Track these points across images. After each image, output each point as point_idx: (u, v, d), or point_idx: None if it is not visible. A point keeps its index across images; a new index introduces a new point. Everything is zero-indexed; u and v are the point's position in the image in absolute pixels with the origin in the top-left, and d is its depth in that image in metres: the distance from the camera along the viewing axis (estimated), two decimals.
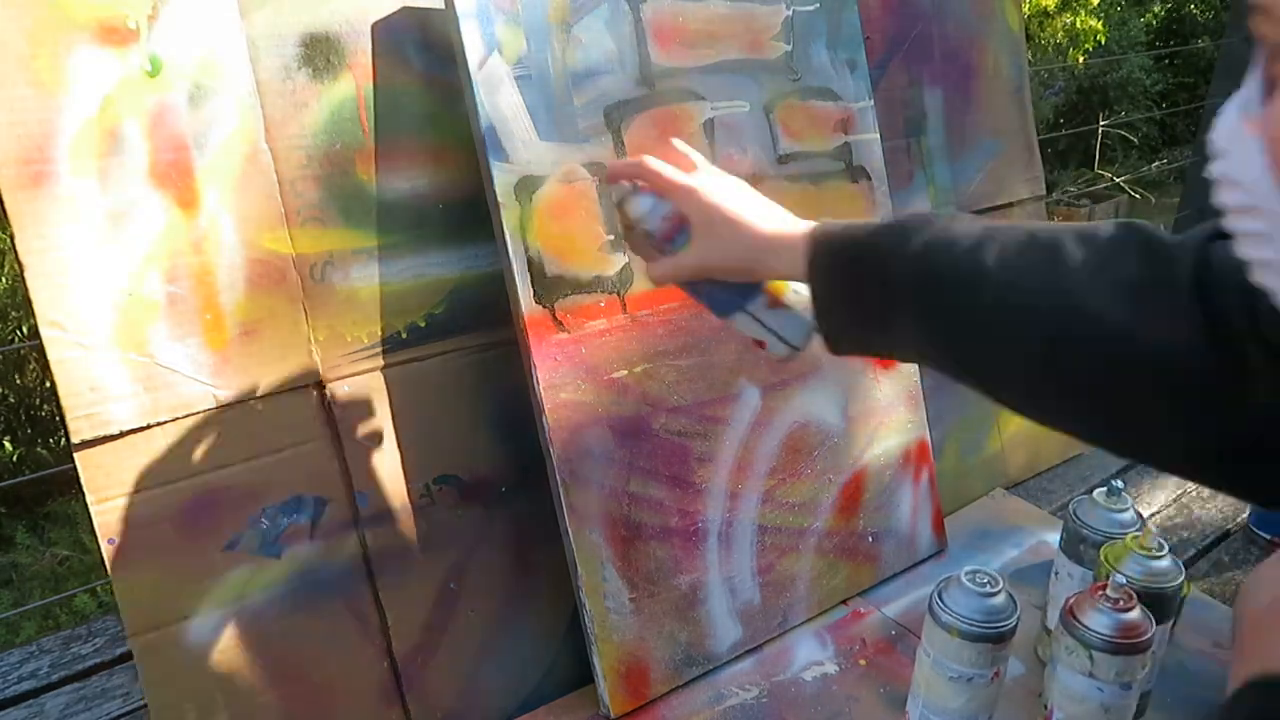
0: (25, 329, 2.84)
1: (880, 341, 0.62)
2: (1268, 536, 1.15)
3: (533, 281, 0.82)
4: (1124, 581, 0.75)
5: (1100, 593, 0.73)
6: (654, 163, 0.68)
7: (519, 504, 0.89)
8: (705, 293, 0.68)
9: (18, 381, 2.87)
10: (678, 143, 0.71)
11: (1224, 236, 0.46)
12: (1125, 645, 0.71)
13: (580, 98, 0.84)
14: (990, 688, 0.76)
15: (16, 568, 2.57)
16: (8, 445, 2.82)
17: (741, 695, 0.90)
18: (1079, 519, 0.88)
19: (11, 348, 2.73)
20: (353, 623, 0.81)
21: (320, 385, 0.79)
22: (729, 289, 0.67)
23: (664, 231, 0.67)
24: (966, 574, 0.76)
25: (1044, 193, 1.33)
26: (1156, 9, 6.66)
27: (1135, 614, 0.72)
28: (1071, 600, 0.76)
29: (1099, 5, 5.48)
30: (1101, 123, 5.34)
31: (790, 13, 0.97)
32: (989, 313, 0.54)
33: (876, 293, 0.59)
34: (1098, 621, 0.72)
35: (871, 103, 1.04)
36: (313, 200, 0.77)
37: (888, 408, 1.06)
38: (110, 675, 1.01)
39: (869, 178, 1.05)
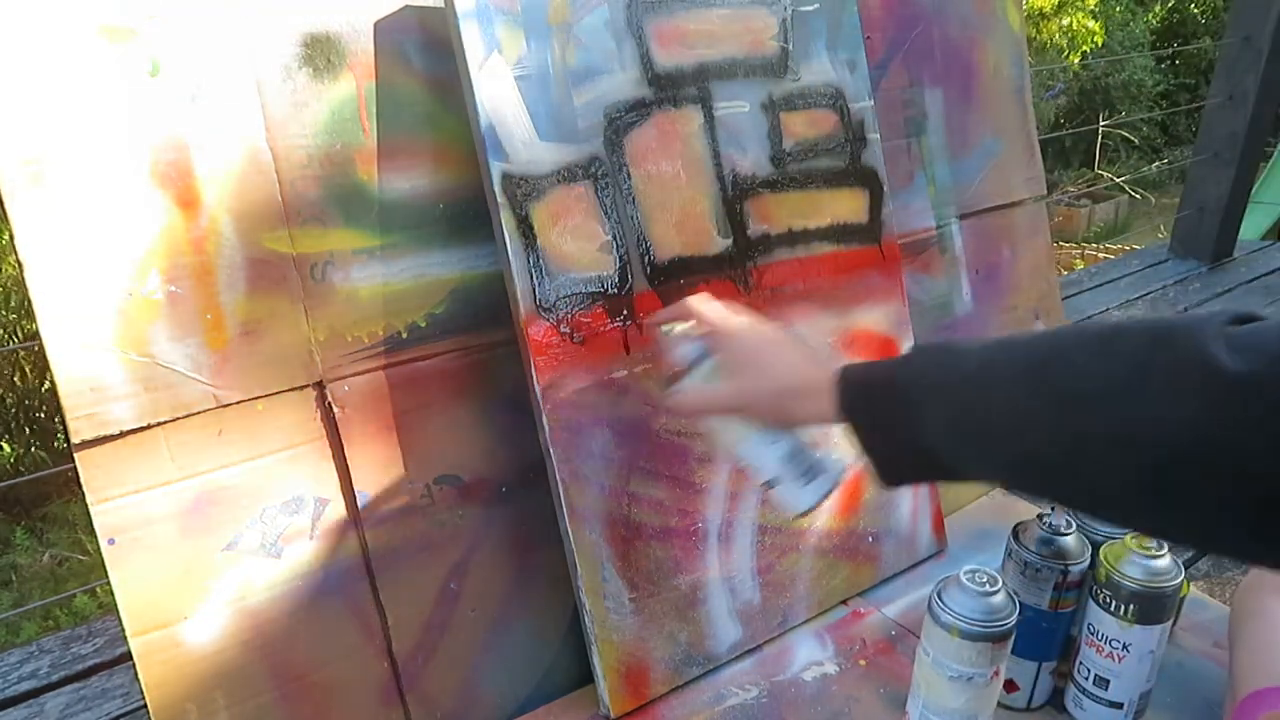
0: (23, 331, 2.84)
1: (927, 465, 0.59)
2: None
3: (532, 281, 0.82)
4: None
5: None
6: (698, 302, 0.73)
7: (519, 504, 0.89)
8: (738, 439, 0.72)
9: (17, 383, 2.88)
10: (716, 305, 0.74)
11: (1239, 321, 0.45)
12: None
13: (580, 98, 0.84)
14: (990, 687, 0.76)
15: (16, 569, 2.57)
16: (6, 447, 2.82)
17: (741, 695, 0.90)
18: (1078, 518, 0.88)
19: (11, 348, 2.73)
20: (353, 623, 0.81)
21: (320, 385, 0.79)
22: (763, 445, 0.71)
23: (688, 364, 0.72)
24: (966, 574, 0.76)
25: (1045, 193, 1.33)
26: (1157, 9, 6.67)
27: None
28: None
29: (1097, 6, 5.48)
30: (1102, 123, 5.35)
31: (790, 13, 0.97)
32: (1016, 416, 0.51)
33: (908, 423, 0.58)
34: None
35: (871, 103, 1.04)
36: (313, 200, 0.77)
37: None
38: (110, 675, 1.01)
39: (869, 178, 1.05)
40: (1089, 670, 0.82)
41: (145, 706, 0.72)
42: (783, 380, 0.66)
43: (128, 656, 1.00)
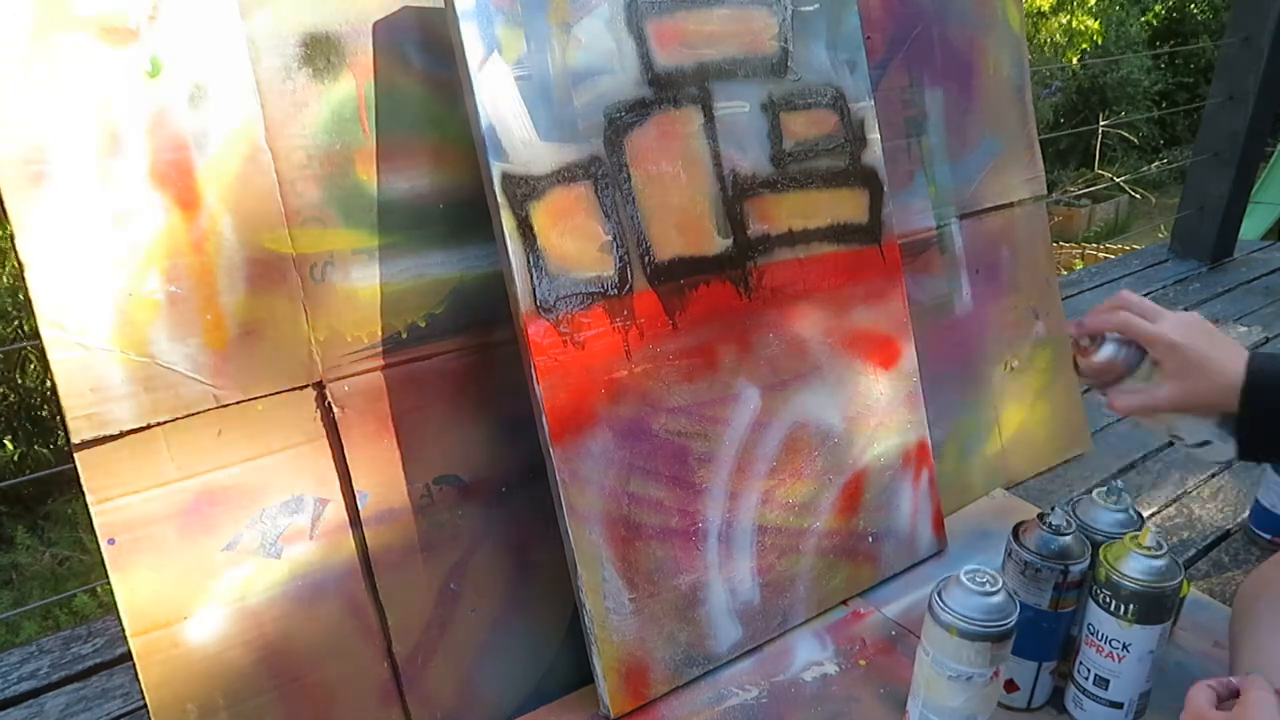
0: (25, 329, 2.84)
1: None
2: (1268, 536, 1.15)
3: (532, 282, 0.82)
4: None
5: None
6: (1129, 318, 0.79)
7: (519, 504, 0.89)
8: (1172, 423, 0.81)
9: (18, 382, 2.88)
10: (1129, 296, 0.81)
11: None
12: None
13: (580, 98, 0.84)
14: (990, 687, 0.76)
15: (17, 568, 2.57)
16: (8, 445, 2.82)
17: (741, 695, 0.91)
18: (1078, 518, 0.88)
19: (12, 347, 2.73)
20: (353, 623, 0.81)
21: (320, 385, 0.79)
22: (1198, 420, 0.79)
23: (1131, 372, 0.80)
24: (966, 573, 0.76)
25: (1045, 193, 1.33)
26: (1157, 8, 6.67)
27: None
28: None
29: (1096, 5, 5.48)
30: (1101, 123, 5.34)
31: (790, 13, 0.97)
32: None
33: None
34: None
35: (872, 103, 1.04)
36: (313, 200, 0.77)
37: (888, 408, 1.06)
38: (110, 675, 1.01)
39: (869, 178, 1.05)
40: (1089, 670, 0.82)
41: (145, 706, 0.72)
42: (1222, 383, 0.76)
43: (128, 656, 1.00)
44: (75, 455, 0.69)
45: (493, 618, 0.88)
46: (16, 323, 2.85)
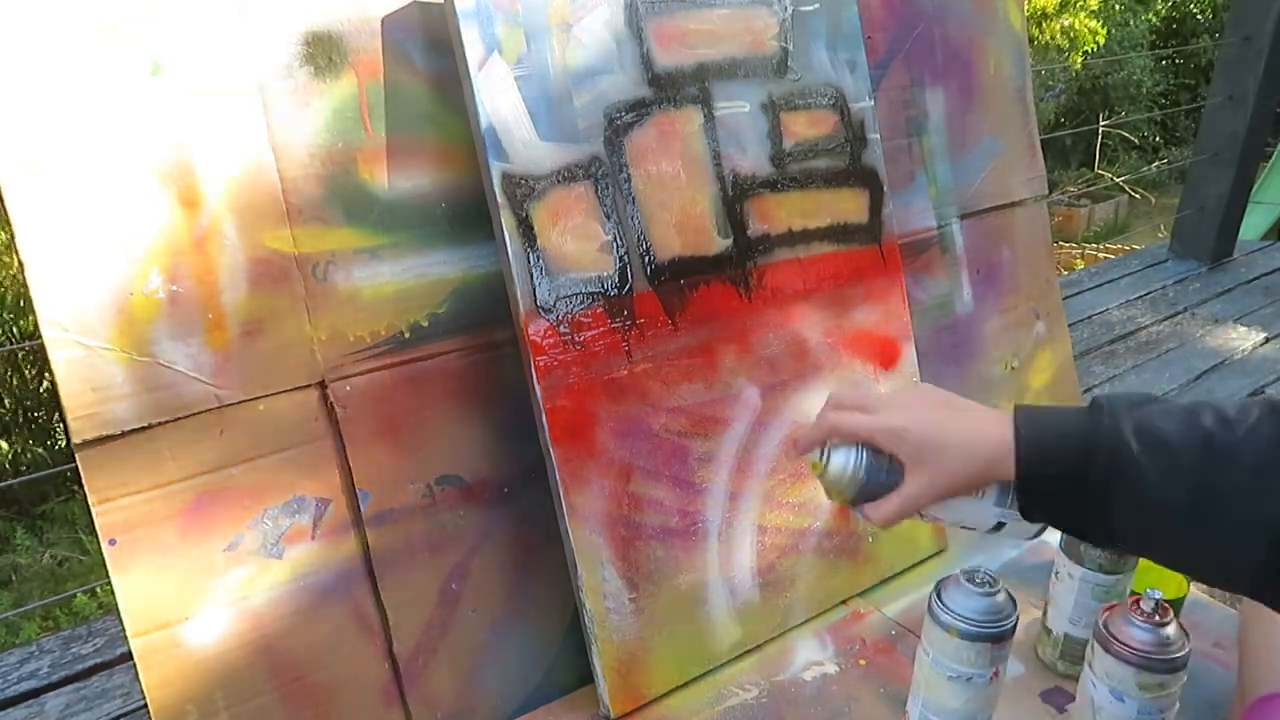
0: (17, 330, 2.83)
1: (1084, 524, 0.60)
2: None
3: (532, 282, 0.82)
4: (1159, 596, 0.74)
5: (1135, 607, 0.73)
6: (840, 418, 0.66)
7: (520, 504, 0.89)
8: (949, 511, 0.66)
9: (14, 383, 2.87)
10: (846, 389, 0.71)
11: None
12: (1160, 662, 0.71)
13: (580, 98, 0.84)
14: (990, 687, 0.76)
15: (16, 569, 2.57)
16: (4, 446, 2.82)
17: (741, 695, 0.91)
18: None
19: (10, 348, 2.73)
20: (353, 623, 0.81)
21: (322, 385, 0.79)
22: (974, 503, 0.65)
23: (874, 477, 0.66)
24: (965, 573, 0.76)
25: (1046, 193, 1.33)
26: (1158, 8, 6.67)
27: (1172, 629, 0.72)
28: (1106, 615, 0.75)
29: (1098, 6, 5.48)
30: (1102, 123, 5.35)
31: (790, 13, 0.97)
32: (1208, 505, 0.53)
33: (1093, 514, 0.58)
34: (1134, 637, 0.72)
35: (872, 103, 1.04)
36: (315, 199, 0.77)
37: None
38: (110, 675, 1.01)
39: (869, 178, 1.05)
40: None
41: (145, 706, 0.72)
42: (968, 458, 0.63)
43: (128, 656, 1.00)
44: (76, 455, 0.69)
45: (493, 618, 0.88)
46: (13, 322, 2.85)
